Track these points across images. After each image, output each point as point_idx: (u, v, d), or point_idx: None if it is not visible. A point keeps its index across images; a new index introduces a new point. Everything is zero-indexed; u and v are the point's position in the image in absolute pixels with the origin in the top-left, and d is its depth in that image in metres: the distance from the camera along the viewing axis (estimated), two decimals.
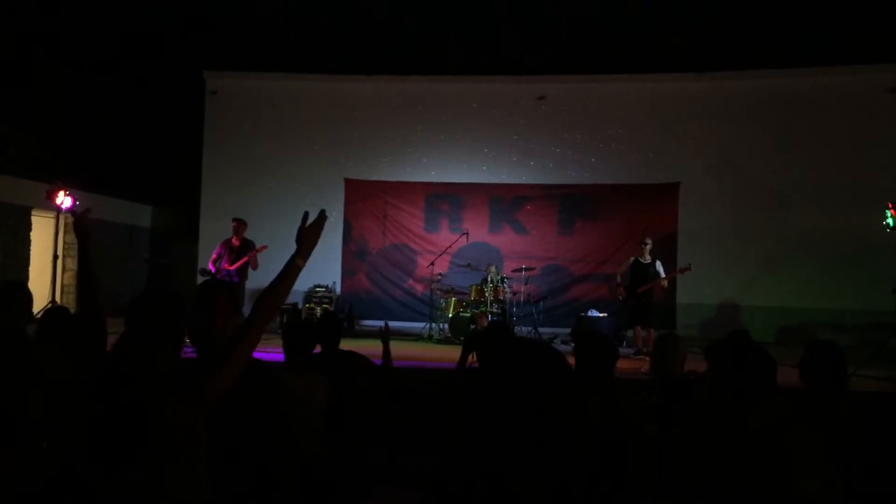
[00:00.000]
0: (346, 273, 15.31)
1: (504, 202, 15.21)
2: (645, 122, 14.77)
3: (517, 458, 3.03)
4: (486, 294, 11.81)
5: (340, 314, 12.85)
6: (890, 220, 9.00)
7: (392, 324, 13.59)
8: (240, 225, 10.46)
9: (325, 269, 14.74)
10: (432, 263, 13.12)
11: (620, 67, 14.77)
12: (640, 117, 14.79)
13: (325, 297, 12.51)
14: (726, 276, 14.23)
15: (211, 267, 10.29)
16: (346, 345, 5.31)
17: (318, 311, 12.38)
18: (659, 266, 11.22)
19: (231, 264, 10.14)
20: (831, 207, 13.56)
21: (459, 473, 3.41)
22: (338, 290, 14.95)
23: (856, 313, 13.01)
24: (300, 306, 12.72)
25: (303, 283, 13.40)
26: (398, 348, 9.06)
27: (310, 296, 12.57)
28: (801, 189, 13.90)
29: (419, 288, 14.81)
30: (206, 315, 3.03)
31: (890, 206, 8.99)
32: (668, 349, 4.60)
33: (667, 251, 14.46)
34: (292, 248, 2.90)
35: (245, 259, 10.13)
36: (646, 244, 11.35)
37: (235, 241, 10.38)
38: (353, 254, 15.37)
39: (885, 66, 13.58)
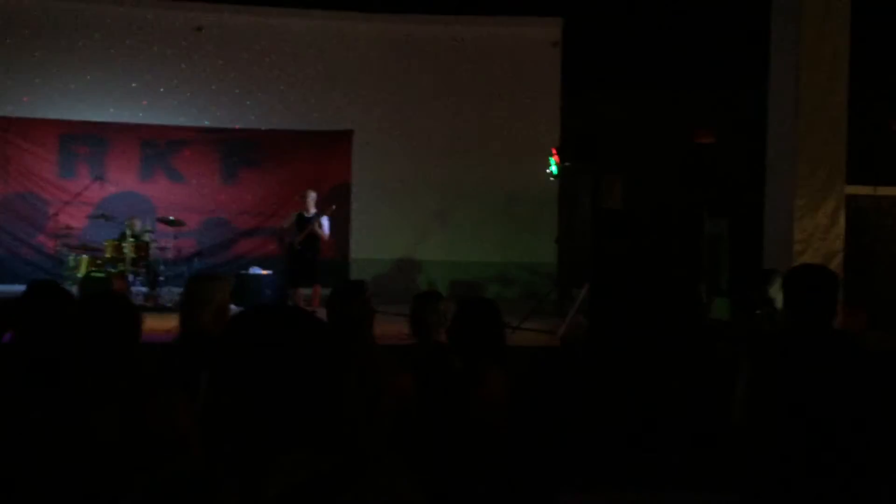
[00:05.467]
0: None
1: (158, 146, 13.31)
2: (315, 63, 13.64)
3: None
4: (126, 251, 10.01)
5: None
6: (554, 168, 8.80)
7: (12, 287, 11.48)
8: None
9: None
10: (56, 214, 11.01)
11: (287, 1, 13.46)
12: (311, 58, 13.64)
13: None
14: (400, 229, 13.71)
15: None
16: None
17: None
18: (325, 221, 10.21)
19: None
20: (500, 159, 13.48)
21: None
22: None
23: (523, 266, 13.11)
24: None
25: None
26: None
27: None
28: (470, 141, 13.67)
29: (52, 244, 12.47)
30: None
31: (554, 152, 8.77)
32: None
33: (340, 202, 13.63)
34: None
35: None
36: (306, 197, 10.30)
37: None
38: None
39: (548, 19, 13.71)
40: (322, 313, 8.83)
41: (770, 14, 8.83)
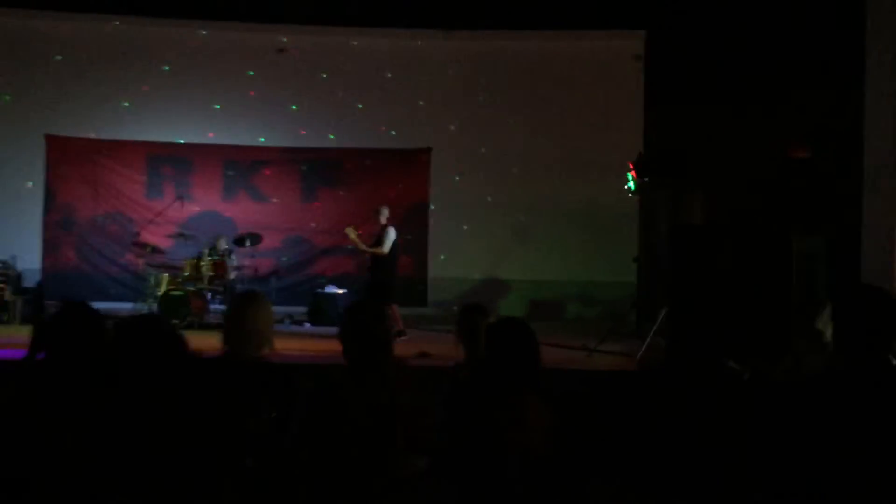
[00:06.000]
0: (49, 247, 12.98)
1: (240, 166, 13.51)
2: (394, 81, 13.61)
3: None
4: (203, 269, 10.10)
5: (26, 295, 10.61)
6: (631, 184, 8.43)
7: (99, 305, 11.75)
8: None
9: (17, 243, 12.34)
10: (138, 233, 11.26)
11: (367, 20, 13.48)
12: (389, 76, 13.63)
13: (1, 276, 10.16)
14: (479, 248, 13.50)
15: None
16: None
17: None
18: (388, 233, 10.06)
19: None
20: (580, 175, 13.15)
21: None
22: (36, 265, 12.61)
23: (604, 285, 12.70)
24: None
25: None
26: None
27: None
28: (550, 157, 13.37)
29: (137, 263, 12.76)
30: None
31: (631, 166, 8.40)
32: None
33: (418, 221, 13.57)
34: None
35: None
36: (379, 212, 10.22)
37: None
38: (56, 224, 13.03)
39: (631, 32, 13.31)
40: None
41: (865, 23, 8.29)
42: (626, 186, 8.73)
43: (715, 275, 6.67)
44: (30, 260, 12.57)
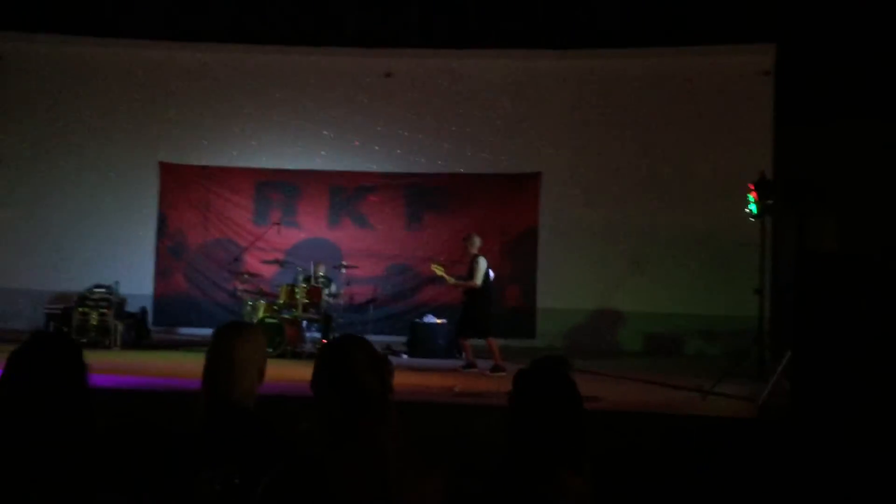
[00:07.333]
0: (161, 273, 13.15)
1: (346, 192, 13.32)
2: (502, 104, 13.15)
3: None
4: (298, 296, 9.83)
5: (128, 320, 10.65)
6: (753, 207, 7.56)
7: (199, 331, 11.75)
8: None
9: (131, 270, 12.56)
10: (236, 259, 11.19)
11: (476, 42, 13.10)
12: (498, 99, 13.17)
13: (104, 301, 10.22)
14: (591, 277, 12.75)
15: None
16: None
17: (94, 317, 10.11)
18: (479, 263, 9.50)
19: None
20: (700, 200, 12.24)
21: None
22: (148, 291, 12.79)
23: (727, 320, 11.66)
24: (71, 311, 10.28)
25: (81, 283, 11.13)
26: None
27: (85, 298, 10.26)
28: (667, 181, 12.53)
29: (242, 289, 12.72)
30: None
31: (752, 188, 7.54)
32: None
33: (526, 249, 12.98)
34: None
35: None
36: (470, 241, 9.67)
37: None
38: (168, 250, 13.21)
39: (759, 46, 12.35)
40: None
41: None
42: (746, 210, 7.86)
43: (849, 310, 5.76)
44: (142, 285, 12.77)
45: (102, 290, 10.45)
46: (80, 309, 10.18)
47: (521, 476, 2.16)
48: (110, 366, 8.03)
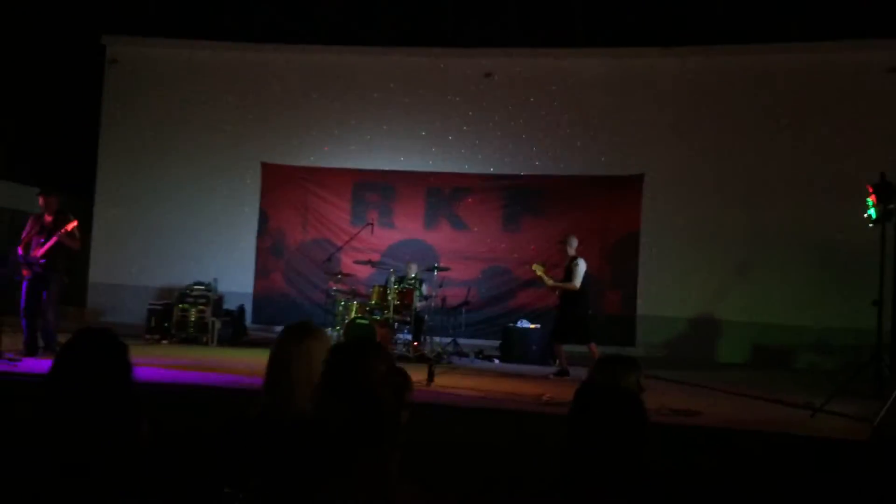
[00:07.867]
0: (260, 272, 13.38)
1: (442, 193, 13.20)
2: (604, 104, 12.74)
3: None
4: (390, 297, 9.73)
5: (225, 317, 10.82)
6: (872, 211, 6.96)
7: None
8: (50, 199, 8.38)
9: (233, 268, 12.85)
10: (329, 259, 11.23)
11: (577, 41, 12.75)
12: (600, 98, 12.77)
13: (202, 298, 10.39)
14: (695, 284, 12.18)
15: (20, 252, 8.21)
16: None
17: (193, 314, 10.31)
18: (578, 265, 9.15)
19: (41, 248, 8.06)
20: (814, 204, 11.51)
21: None
22: (248, 289, 13.02)
23: (844, 332, 10.90)
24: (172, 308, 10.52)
25: (183, 279, 11.40)
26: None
27: (185, 295, 10.46)
28: (778, 183, 11.86)
29: (336, 289, 12.79)
30: None
31: (870, 190, 6.94)
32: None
33: (627, 254, 12.53)
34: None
35: (53, 240, 8.04)
36: (567, 242, 9.36)
37: (48, 218, 8.29)
38: (268, 250, 13.42)
39: (884, 41, 11.51)
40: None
41: None
42: (865, 214, 7.24)
43: None
44: (243, 284, 13.01)
45: (202, 287, 10.65)
46: (181, 305, 10.40)
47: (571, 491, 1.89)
48: (203, 363, 8.13)
